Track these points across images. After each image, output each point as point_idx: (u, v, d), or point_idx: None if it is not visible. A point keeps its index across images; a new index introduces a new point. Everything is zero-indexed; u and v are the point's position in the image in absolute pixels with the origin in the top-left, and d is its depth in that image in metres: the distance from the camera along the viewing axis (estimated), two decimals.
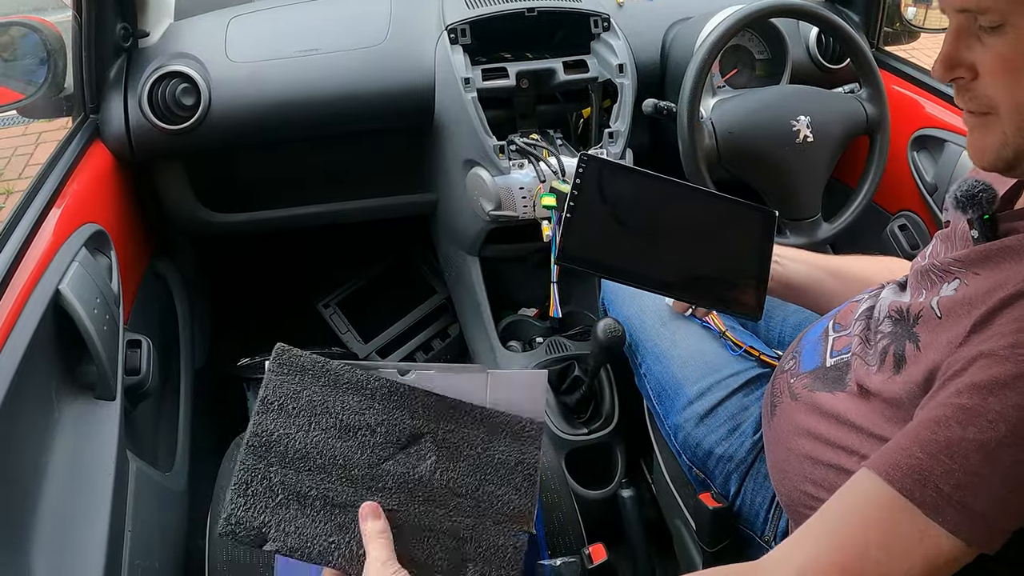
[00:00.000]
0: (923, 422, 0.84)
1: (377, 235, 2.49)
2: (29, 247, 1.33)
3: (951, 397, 0.83)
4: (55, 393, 1.26)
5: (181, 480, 1.68)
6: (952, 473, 0.80)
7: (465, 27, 1.88)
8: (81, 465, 1.23)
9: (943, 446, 0.81)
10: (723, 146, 1.72)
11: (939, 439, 0.81)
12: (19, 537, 1.09)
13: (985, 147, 0.89)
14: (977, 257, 0.94)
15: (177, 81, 1.81)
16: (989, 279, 0.90)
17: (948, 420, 0.82)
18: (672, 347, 1.51)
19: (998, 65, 0.84)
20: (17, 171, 4.43)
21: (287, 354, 1.03)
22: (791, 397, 1.16)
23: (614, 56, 1.89)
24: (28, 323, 1.20)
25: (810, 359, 1.18)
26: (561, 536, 1.35)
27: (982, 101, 0.87)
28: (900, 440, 0.85)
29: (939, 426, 0.82)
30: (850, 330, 1.14)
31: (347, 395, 1.03)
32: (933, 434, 0.82)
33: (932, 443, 0.82)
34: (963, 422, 0.81)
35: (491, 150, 1.78)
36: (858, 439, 1.02)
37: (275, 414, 1.00)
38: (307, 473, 0.98)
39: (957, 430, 0.81)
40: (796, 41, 2.04)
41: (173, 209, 1.99)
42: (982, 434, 0.79)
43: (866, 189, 1.78)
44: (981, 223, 0.94)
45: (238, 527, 0.94)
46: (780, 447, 1.17)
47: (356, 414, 1.02)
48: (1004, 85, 0.84)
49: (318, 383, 1.03)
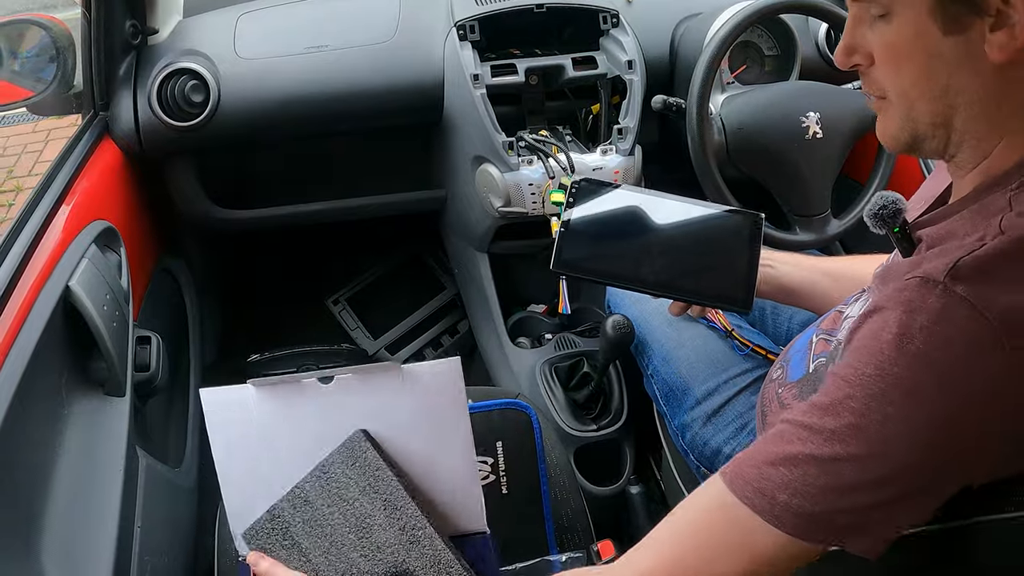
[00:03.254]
0: (771, 436, 0.88)
1: (386, 231, 2.49)
2: (39, 244, 1.33)
3: (797, 414, 0.86)
4: (65, 389, 1.26)
5: (190, 476, 1.69)
6: (791, 483, 0.83)
7: (474, 23, 1.88)
8: (91, 461, 1.24)
9: (783, 459, 0.84)
10: (732, 142, 1.72)
11: (780, 451, 0.85)
12: (30, 532, 1.09)
13: (885, 130, 0.94)
14: (884, 271, 0.99)
15: (186, 78, 1.81)
16: (875, 294, 0.93)
17: (790, 436, 0.85)
18: (678, 347, 1.50)
19: (885, 53, 0.88)
20: (27, 168, 4.44)
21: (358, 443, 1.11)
22: (780, 406, 1.16)
23: (623, 52, 1.89)
24: (38, 320, 1.20)
25: (797, 368, 1.18)
26: (569, 532, 1.35)
27: (877, 86, 0.92)
28: (749, 451, 0.89)
29: (781, 440, 0.86)
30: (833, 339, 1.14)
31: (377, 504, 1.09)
32: (775, 447, 0.86)
33: (774, 455, 0.85)
34: (803, 439, 0.84)
35: (500, 146, 1.78)
36: None
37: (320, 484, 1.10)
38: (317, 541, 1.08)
39: (797, 445, 0.84)
40: (805, 37, 2.03)
41: (182, 206, 2.00)
42: (818, 450, 0.82)
43: (875, 185, 1.77)
44: (895, 237, 0.95)
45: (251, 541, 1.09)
46: None
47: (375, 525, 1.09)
48: (890, 72, 0.88)
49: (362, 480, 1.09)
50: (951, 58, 0.83)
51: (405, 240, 2.60)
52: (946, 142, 0.89)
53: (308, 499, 1.09)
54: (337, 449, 1.10)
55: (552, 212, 1.75)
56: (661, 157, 2.01)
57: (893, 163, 1.78)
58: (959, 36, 0.81)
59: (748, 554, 0.86)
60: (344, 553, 1.07)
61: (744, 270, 1.25)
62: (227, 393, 1.11)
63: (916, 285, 0.81)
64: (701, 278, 1.27)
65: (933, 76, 0.85)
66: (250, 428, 1.11)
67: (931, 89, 0.86)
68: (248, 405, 1.11)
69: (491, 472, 1.33)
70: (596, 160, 1.79)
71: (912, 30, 0.84)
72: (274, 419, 1.11)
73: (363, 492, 1.08)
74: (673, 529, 0.93)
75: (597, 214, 1.29)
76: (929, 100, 0.86)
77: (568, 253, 1.27)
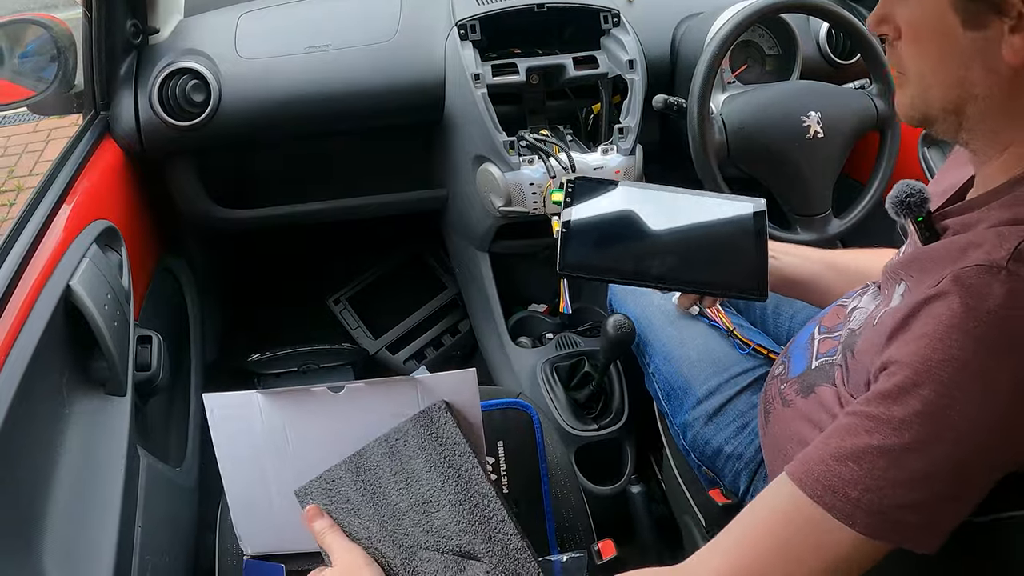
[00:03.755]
0: (835, 430, 0.87)
1: (387, 231, 2.49)
2: (40, 243, 1.33)
3: (861, 405, 0.86)
4: (66, 389, 1.26)
5: (191, 475, 1.69)
6: (860, 479, 0.82)
7: (475, 23, 1.88)
8: (92, 460, 1.24)
9: (851, 454, 0.84)
10: (733, 142, 1.72)
11: (847, 447, 0.84)
12: (31, 532, 1.09)
13: (904, 106, 0.94)
14: (911, 260, 0.97)
15: (187, 77, 1.81)
16: (917, 283, 0.91)
17: (856, 428, 0.85)
18: (680, 346, 1.50)
19: (909, 31, 0.89)
20: (28, 168, 4.44)
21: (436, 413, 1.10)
22: (782, 404, 1.16)
23: (624, 52, 1.89)
24: (39, 319, 1.20)
25: (798, 364, 1.18)
26: (570, 532, 1.35)
27: (899, 61, 0.92)
28: (816, 447, 0.88)
29: (848, 434, 0.85)
30: (837, 334, 1.14)
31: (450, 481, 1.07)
32: (843, 441, 0.85)
33: (841, 451, 0.85)
34: (869, 430, 0.83)
35: (501, 146, 1.78)
36: None
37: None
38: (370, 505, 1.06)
39: (864, 438, 0.83)
40: (806, 37, 2.03)
41: (183, 205, 2.00)
42: (886, 440, 0.82)
43: (876, 185, 1.77)
44: (917, 226, 0.96)
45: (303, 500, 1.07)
46: (777, 454, 1.17)
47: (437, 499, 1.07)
48: (911, 51, 0.90)
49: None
50: (968, 52, 0.84)
51: (406, 240, 2.60)
52: (957, 128, 0.90)
53: (371, 466, 1.07)
54: (412, 418, 1.09)
55: (553, 211, 1.75)
56: (662, 157, 2.01)
57: (894, 163, 1.78)
58: (978, 32, 0.82)
59: (825, 554, 0.85)
60: (404, 526, 1.05)
61: (755, 257, 1.23)
62: (231, 399, 1.12)
63: (977, 272, 0.81)
64: (712, 269, 1.25)
65: (949, 65, 0.86)
66: (255, 435, 1.12)
67: (946, 77, 0.87)
68: (253, 411, 1.12)
69: (492, 471, 1.32)
70: (597, 160, 1.79)
71: (935, 16, 0.85)
72: (280, 426, 1.11)
73: (435, 465, 1.07)
74: (746, 530, 0.91)
75: (597, 212, 1.26)
76: (943, 87, 0.88)
77: (572, 254, 1.24)
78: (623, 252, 1.25)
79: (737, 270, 1.23)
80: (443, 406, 1.08)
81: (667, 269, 1.23)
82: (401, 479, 1.06)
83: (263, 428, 1.12)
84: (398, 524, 1.05)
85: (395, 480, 1.06)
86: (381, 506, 1.05)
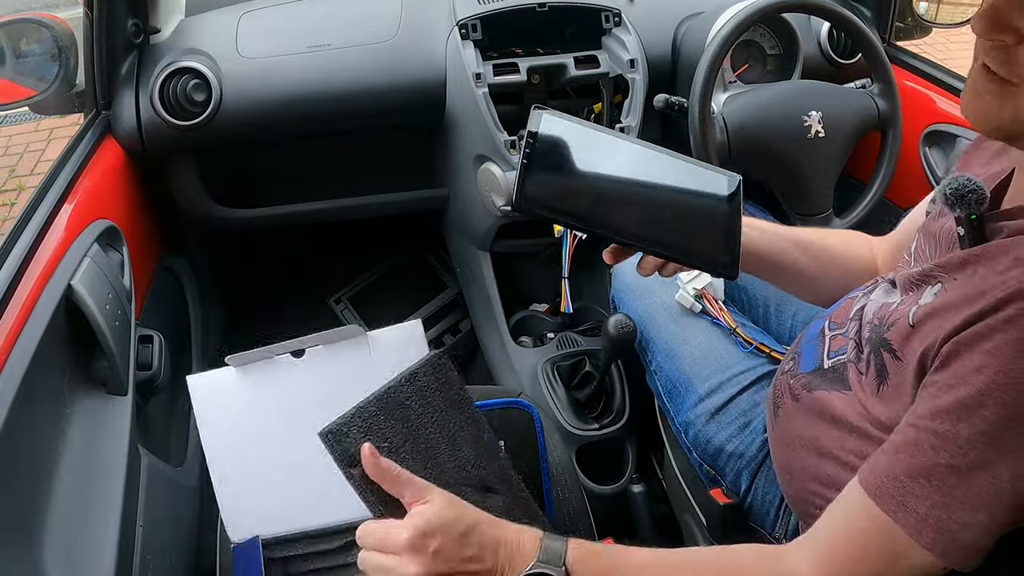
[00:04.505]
0: (904, 444, 0.87)
1: (388, 230, 2.49)
2: (41, 243, 1.33)
3: (926, 420, 0.86)
4: (67, 388, 1.26)
5: (193, 475, 1.69)
6: (929, 496, 0.83)
7: (476, 22, 1.88)
8: (93, 460, 1.24)
9: (921, 470, 0.84)
10: (734, 141, 1.71)
11: (917, 463, 0.85)
12: (31, 531, 1.09)
13: (991, 114, 0.86)
14: (957, 262, 0.94)
15: (188, 77, 1.81)
16: (964, 286, 0.90)
17: (923, 445, 0.85)
18: (682, 344, 1.50)
19: None
20: (29, 167, 4.45)
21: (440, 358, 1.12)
22: (792, 399, 1.16)
23: (625, 51, 1.89)
24: (40, 318, 1.20)
25: (809, 359, 1.17)
26: (571, 531, 1.34)
27: (1015, 70, 0.82)
28: (886, 458, 0.89)
29: (917, 450, 0.85)
30: (845, 330, 1.13)
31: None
32: (912, 458, 0.85)
33: (912, 467, 0.85)
34: (936, 447, 0.84)
35: (502, 145, 1.78)
36: (859, 439, 1.03)
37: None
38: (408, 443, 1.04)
39: (932, 455, 0.84)
40: (807, 36, 2.03)
41: (184, 205, 2.00)
42: (954, 459, 0.83)
43: (877, 184, 1.77)
44: (968, 223, 0.93)
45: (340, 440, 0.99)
46: (785, 449, 1.17)
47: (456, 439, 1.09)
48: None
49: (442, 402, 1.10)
50: None
51: (407, 239, 2.60)
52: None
53: (401, 403, 1.06)
54: (421, 362, 1.09)
55: None
56: None
57: (895, 162, 1.78)
58: None
59: (898, 566, 0.86)
60: (440, 463, 1.05)
61: (727, 230, 1.13)
62: (210, 376, 1.18)
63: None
64: (680, 232, 1.11)
65: None
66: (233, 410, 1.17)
67: None
68: (229, 387, 1.17)
69: None
70: None
71: None
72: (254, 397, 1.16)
73: (451, 405, 1.08)
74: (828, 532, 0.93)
75: (567, 148, 1.11)
76: None
77: (533, 187, 1.07)
78: (588, 196, 1.10)
79: (706, 240, 1.12)
80: (445, 354, 1.11)
81: (632, 221, 1.10)
82: (429, 418, 1.06)
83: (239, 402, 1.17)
84: (435, 462, 1.05)
85: (424, 418, 1.06)
86: (418, 444, 1.04)
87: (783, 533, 1.29)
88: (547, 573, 0.91)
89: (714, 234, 1.12)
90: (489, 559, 0.92)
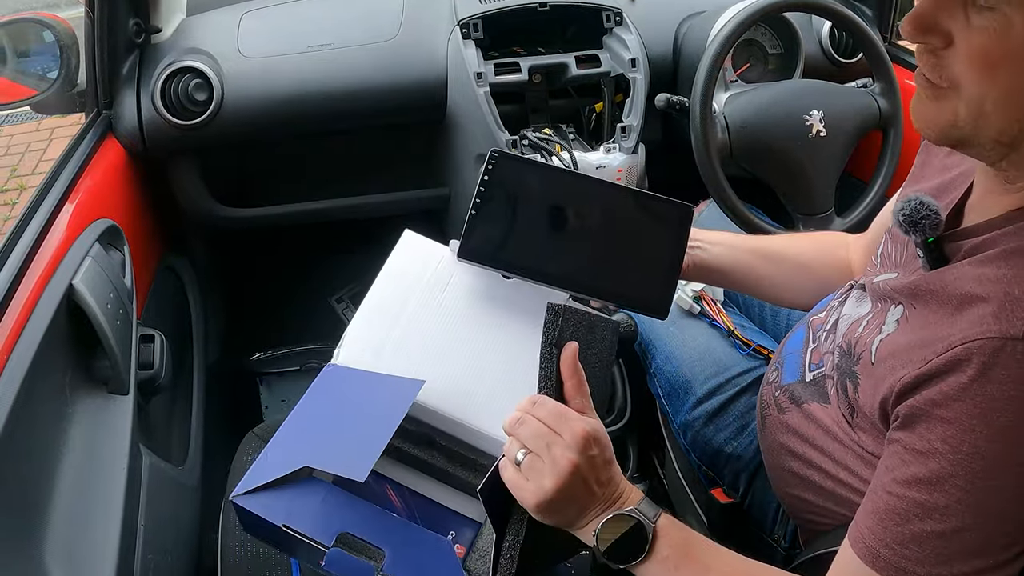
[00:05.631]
0: (887, 512, 0.86)
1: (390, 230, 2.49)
2: (43, 242, 1.33)
3: (903, 488, 0.85)
4: (69, 387, 1.27)
5: (194, 474, 1.69)
6: (925, 560, 0.83)
7: (477, 22, 1.88)
8: (94, 459, 1.24)
9: (910, 538, 0.84)
10: (735, 140, 1.71)
11: (906, 532, 0.84)
12: (33, 531, 1.09)
13: (934, 121, 0.85)
14: (914, 288, 0.93)
15: (190, 76, 1.81)
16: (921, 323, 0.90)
17: (908, 514, 0.84)
18: (681, 346, 1.50)
19: (976, 52, 0.78)
20: (30, 167, 4.45)
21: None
22: (777, 410, 1.16)
23: (626, 51, 1.89)
24: (42, 318, 1.20)
25: (791, 371, 1.17)
26: None
27: (946, 74, 0.81)
28: (873, 523, 0.87)
29: (901, 519, 0.85)
30: (822, 343, 1.13)
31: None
32: (899, 527, 0.85)
33: (901, 536, 0.85)
34: (920, 516, 0.83)
35: (504, 145, 1.78)
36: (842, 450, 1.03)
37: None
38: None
39: (917, 523, 0.84)
40: (809, 36, 2.03)
41: (186, 204, 2.00)
42: (940, 525, 0.82)
43: (879, 184, 1.77)
44: (926, 247, 0.92)
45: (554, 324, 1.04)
46: (774, 457, 1.17)
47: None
48: (977, 74, 0.79)
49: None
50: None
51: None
52: (998, 158, 0.84)
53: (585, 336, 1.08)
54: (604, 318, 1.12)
55: None
56: (664, 155, 2.01)
57: (896, 161, 1.78)
58: None
59: None
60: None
61: (665, 270, 1.14)
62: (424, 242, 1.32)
63: (992, 349, 0.79)
64: (617, 275, 1.14)
65: (1020, 96, 0.78)
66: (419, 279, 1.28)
67: (1013, 108, 0.79)
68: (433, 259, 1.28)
69: None
70: (599, 158, 1.79)
71: (1021, 40, 0.75)
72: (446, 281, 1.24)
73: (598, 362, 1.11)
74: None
75: (513, 195, 1.17)
76: (1004, 119, 0.79)
77: (476, 240, 1.15)
78: (530, 245, 1.15)
79: (643, 282, 1.14)
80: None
81: (570, 270, 1.14)
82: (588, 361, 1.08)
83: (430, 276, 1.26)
84: None
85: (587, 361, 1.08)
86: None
87: (782, 535, 1.29)
88: (642, 519, 0.98)
89: (653, 278, 1.14)
90: (612, 488, 0.98)
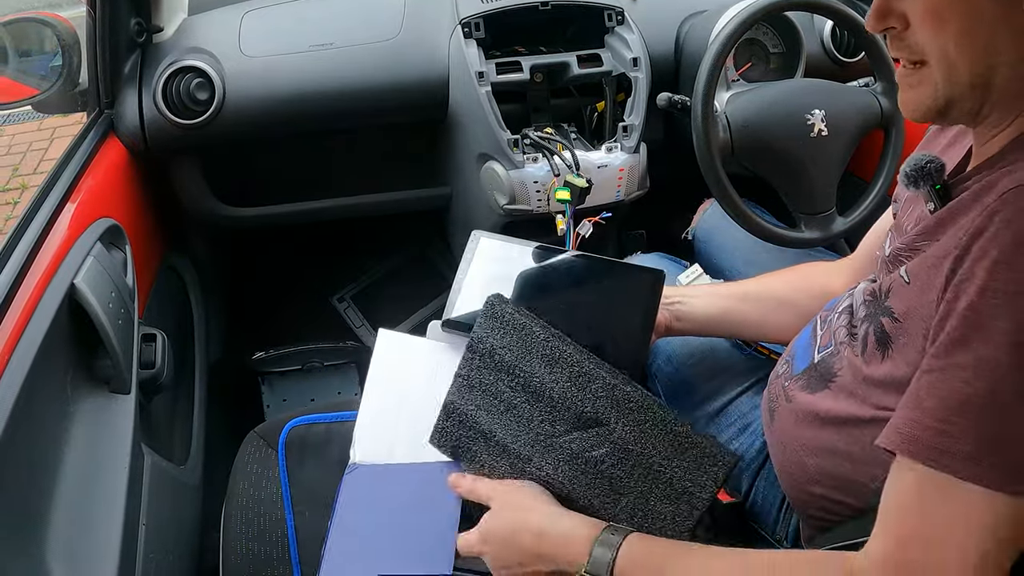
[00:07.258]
0: (924, 387, 0.83)
1: (391, 229, 2.49)
2: (44, 242, 1.34)
3: (941, 359, 0.82)
4: (70, 387, 1.27)
5: (196, 473, 1.69)
6: (969, 432, 0.78)
7: (479, 21, 1.88)
8: (96, 458, 1.24)
9: (953, 408, 0.80)
10: (737, 140, 1.71)
11: (942, 405, 0.80)
12: (35, 530, 1.09)
13: (918, 100, 0.92)
14: (935, 224, 0.93)
15: (192, 76, 1.81)
16: (950, 236, 0.89)
17: (939, 384, 0.81)
18: (682, 346, 1.50)
19: (926, 14, 0.87)
20: (32, 166, 4.45)
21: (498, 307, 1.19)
22: (786, 401, 1.16)
23: (628, 50, 1.89)
24: (43, 317, 1.20)
25: (802, 361, 1.17)
26: None
27: (914, 50, 0.90)
28: (909, 413, 0.84)
29: (935, 391, 0.81)
30: (833, 327, 1.13)
31: (537, 363, 1.14)
32: (934, 401, 0.81)
33: (941, 408, 0.80)
34: (965, 379, 0.79)
35: (505, 144, 1.78)
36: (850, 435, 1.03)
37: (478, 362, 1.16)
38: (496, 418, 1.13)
39: (960, 387, 0.79)
40: (810, 35, 2.03)
41: (187, 203, 2.00)
42: (988, 384, 0.78)
43: (881, 183, 1.77)
44: (934, 193, 0.94)
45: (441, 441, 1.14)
46: (783, 451, 1.17)
47: (543, 384, 1.13)
48: (930, 32, 0.87)
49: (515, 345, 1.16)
50: (992, 17, 0.84)
51: (410, 238, 2.59)
52: (981, 104, 0.89)
53: (470, 383, 1.14)
54: (477, 322, 1.17)
55: (557, 210, 1.75)
56: (666, 155, 2.01)
57: (898, 160, 1.78)
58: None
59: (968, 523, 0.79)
60: (524, 420, 1.11)
61: (637, 336, 1.22)
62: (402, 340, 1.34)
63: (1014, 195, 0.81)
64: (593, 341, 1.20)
65: (975, 35, 0.85)
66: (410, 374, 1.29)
67: (973, 48, 0.85)
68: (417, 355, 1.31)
69: None
70: (601, 158, 1.79)
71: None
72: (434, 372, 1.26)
73: (520, 357, 1.13)
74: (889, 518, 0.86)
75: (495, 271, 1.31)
76: (970, 60, 0.86)
77: (460, 310, 1.30)
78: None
79: (617, 348, 1.21)
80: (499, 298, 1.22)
81: None
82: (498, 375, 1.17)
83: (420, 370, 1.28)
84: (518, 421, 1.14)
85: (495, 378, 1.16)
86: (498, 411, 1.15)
87: (784, 535, 1.28)
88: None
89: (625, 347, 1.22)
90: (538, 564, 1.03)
